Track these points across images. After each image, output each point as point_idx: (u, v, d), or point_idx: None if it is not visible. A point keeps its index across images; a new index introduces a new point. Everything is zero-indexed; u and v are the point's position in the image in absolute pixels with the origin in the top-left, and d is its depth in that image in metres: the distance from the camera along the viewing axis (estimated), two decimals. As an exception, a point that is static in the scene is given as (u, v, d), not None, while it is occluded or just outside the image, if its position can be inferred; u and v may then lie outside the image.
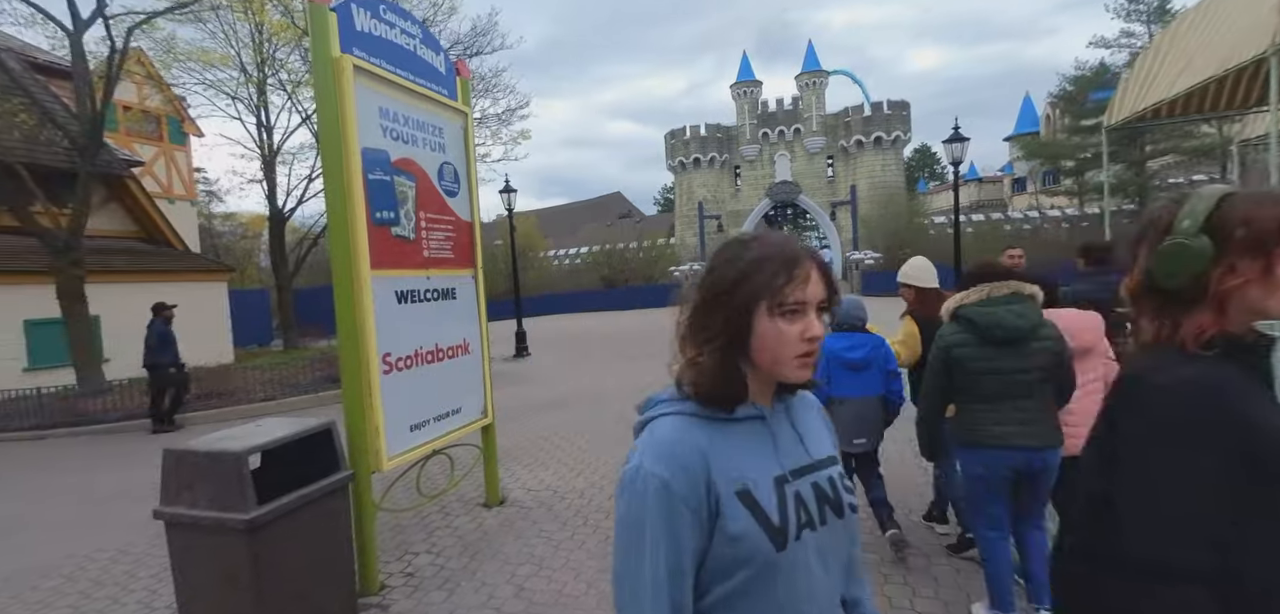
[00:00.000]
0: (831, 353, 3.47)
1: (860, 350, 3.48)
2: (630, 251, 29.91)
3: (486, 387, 4.97)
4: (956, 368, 2.63)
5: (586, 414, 8.48)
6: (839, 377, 3.48)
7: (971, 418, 2.64)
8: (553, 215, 56.63)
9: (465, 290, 4.75)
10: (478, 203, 4.98)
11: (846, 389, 3.48)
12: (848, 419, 3.46)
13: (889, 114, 32.45)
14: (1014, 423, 2.54)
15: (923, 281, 3.61)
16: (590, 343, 16.73)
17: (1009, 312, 2.54)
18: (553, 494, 5.33)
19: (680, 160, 35.81)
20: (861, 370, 3.48)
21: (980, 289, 2.62)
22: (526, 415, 8.64)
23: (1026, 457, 2.56)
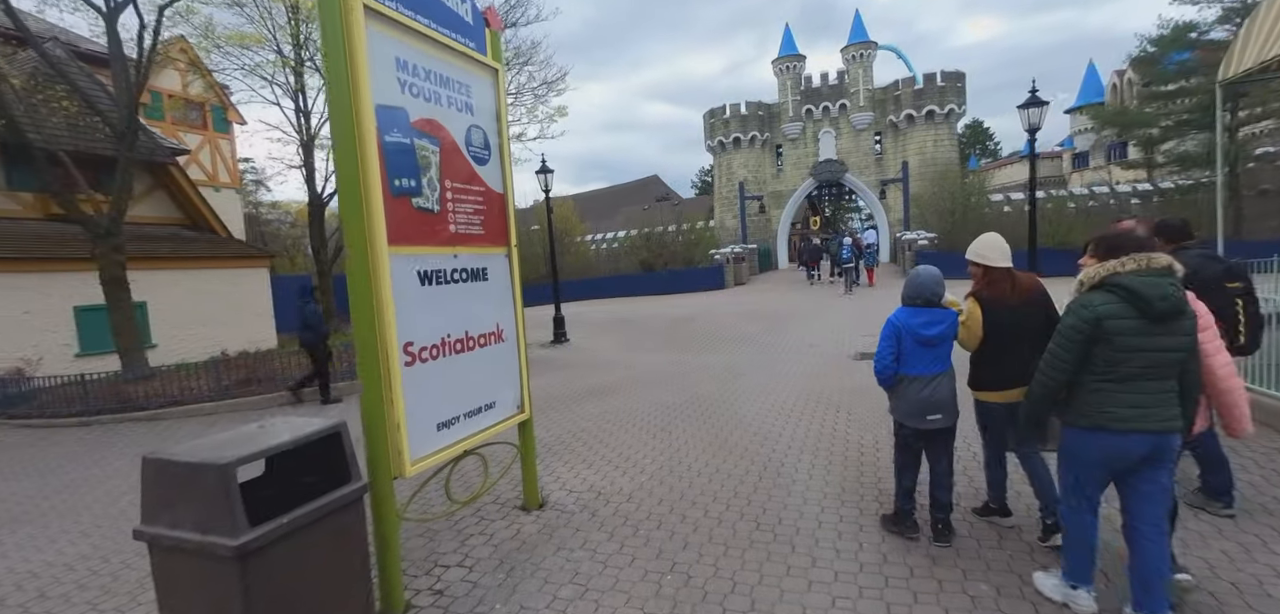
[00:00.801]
0: (907, 328, 3.39)
1: (938, 326, 3.37)
2: (669, 235, 29.19)
3: (523, 378, 4.46)
4: (1103, 343, 2.43)
5: (629, 404, 7.95)
6: (913, 352, 3.40)
7: (1101, 398, 2.47)
8: (590, 200, 56.28)
9: (498, 270, 4.23)
10: (511, 172, 4.44)
11: (920, 366, 3.40)
12: (923, 396, 3.39)
13: (942, 86, 30.61)
14: (1148, 404, 2.42)
15: (994, 260, 3.38)
16: (631, 327, 16.20)
17: (1171, 284, 2.39)
18: (597, 496, 4.80)
19: (720, 140, 34.74)
20: (936, 346, 3.39)
21: (1138, 259, 2.43)
22: (566, 406, 8.16)
23: (1154, 441, 2.44)
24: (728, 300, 21.08)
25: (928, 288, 3.42)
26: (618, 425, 6.93)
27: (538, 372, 10.91)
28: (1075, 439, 2.59)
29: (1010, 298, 3.31)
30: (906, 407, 3.47)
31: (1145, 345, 2.40)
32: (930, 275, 3.47)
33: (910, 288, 3.50)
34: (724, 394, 8.16)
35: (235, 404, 9.55)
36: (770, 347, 11.78)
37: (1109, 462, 2.52)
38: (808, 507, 4.33)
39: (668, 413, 7.34)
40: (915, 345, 3.39)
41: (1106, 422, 2.46)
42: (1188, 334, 2.43)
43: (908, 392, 3.44)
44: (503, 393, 4.24)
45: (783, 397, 7.72)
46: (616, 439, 6.39)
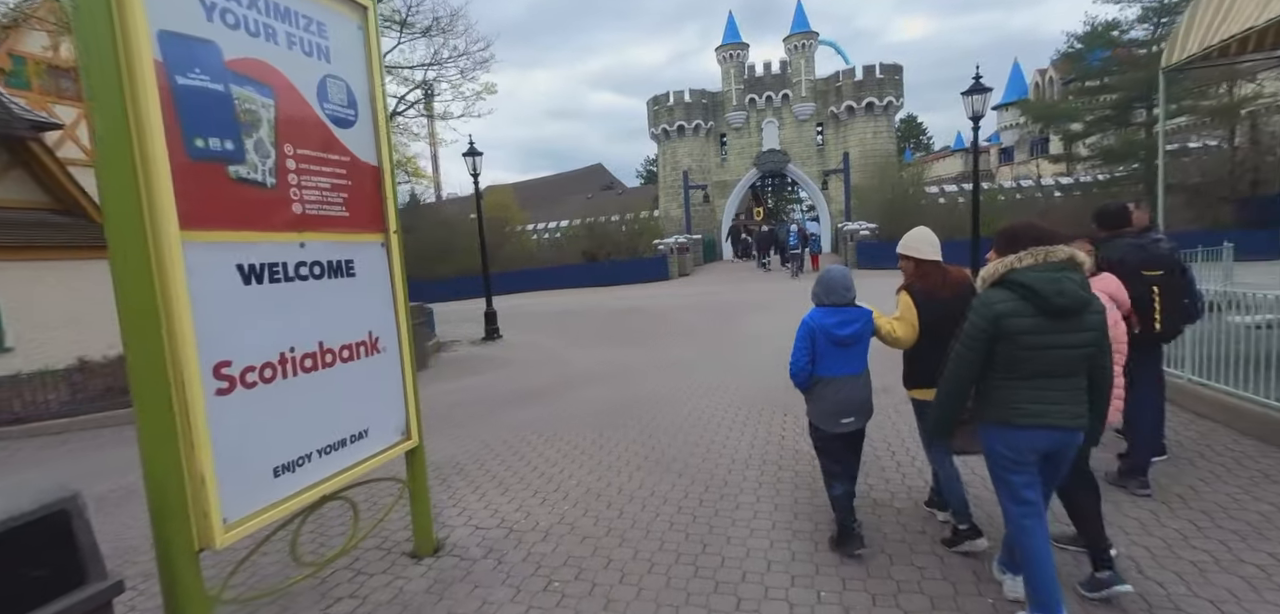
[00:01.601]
0: (821, 328, 3.28)
1: (852, 325, 3.28)
2: (613, 225, 28.38)
3: (410, 396, 3.60)
4: (1005, 341, 2.40)
5: (561, 409, 7.16)
6: (827, 353, 3.29)
7: (1008, 395, 2.45)
8: (533, 188, 54.72)
9: (370, 263, 3.35)
10: (388, 140, 3.56)
11: (835, 367, 3.30)
12: (838, 398, 3.30)
13: (881, 78, 31.04)
14: (1053, 401, 2.40)
15: (924, 253, 3.34)
16: (571, 321, 15.36)
17: (1069, 279, 2.34)
18: (507, 534, 4.00)
19: (664, 128, 34.14)
20: (851, 347, 3.30)
21: (1035, 253, 2.38)
22: (489, 413, 7.28)
23: (1059, 437, 2.44)
24: (672, 291, 20.53)
25: (838, 287, 3.33)
26: (544, 437, 6.13)
27: (463, 373, 9.95)
28: (987, 435, 2.57)
29: (942, 291, 3.26)
30: (821, 409, 3.37)
31: (1047, 342, 2.36)
32: (841, 274, 3.40)
33: (820, 287, 3.40)
34: (666, 395, 7.48)
35: (101, 419, 8.17)
36: (717, 340, 11.22)
37: (1018, 454, 2.47)
38: (755, 539, 3.68)
39: (602, 419, 6.60)
40: (829, 346, 3.29)
41: (1013, 417, 2.44)
42: (1092, 329, 2.37)
43: (823, 394, 3.34)
44: (379, 417, 3.38)
45: (729, 397, 7.11)
46: (541, 455, 5.59)
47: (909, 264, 3.38)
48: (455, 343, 13.25)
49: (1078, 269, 2.38)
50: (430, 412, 7.58)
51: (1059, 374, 2.38)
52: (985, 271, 2.53)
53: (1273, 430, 4.54)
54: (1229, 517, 3.52)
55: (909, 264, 3.38)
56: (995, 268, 2.47)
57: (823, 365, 3.30)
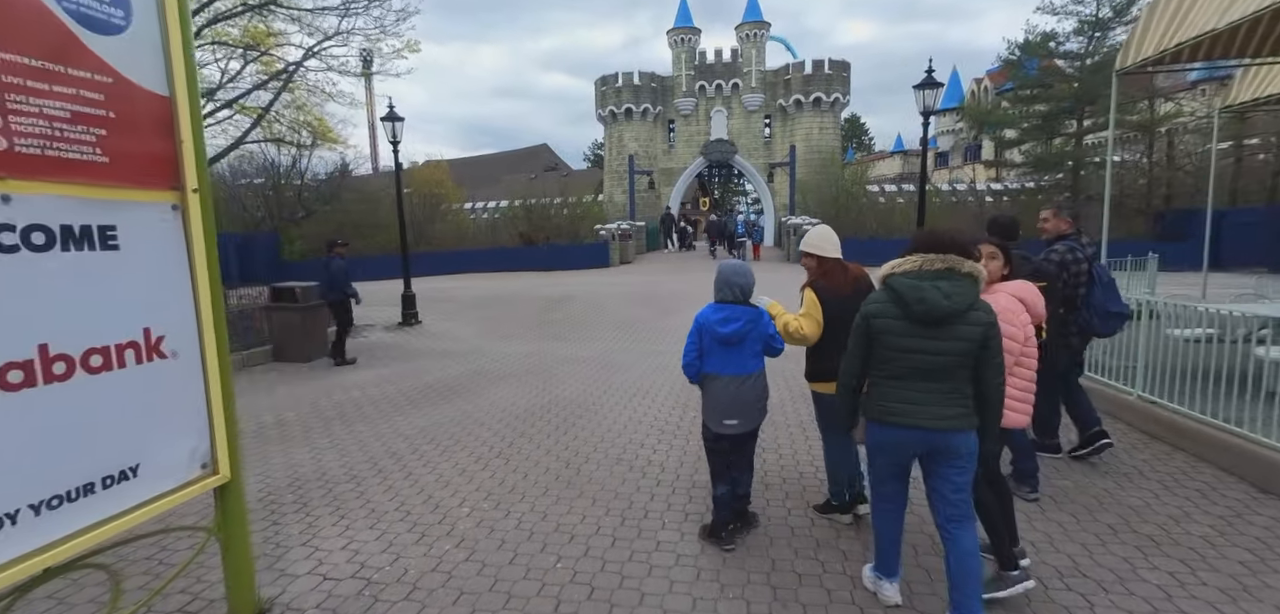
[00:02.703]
0: (704, 325, 3.31)
1: (733, 324, 3.25)
2: (553, 207, 27.23)
3: (218, 417, 2.67)
4: (876, 340, 2.54)
5: (469, 411, 6.27)
6: (711, 350, 3.32)
7: (878, 392, 2.58)
8: (473, 165, 52.56)
9: (148, 234, 2.40)
10: (191, 66, 2.59)
11: (719, 365, 3.31)
12: (719, 398, 3.32)
13: (829, 74, 31.11)
14: (918, 401, 2.47)
15: (827, 252, 3.42)
16: (499, 307, 14.33)
17: (935, 288, 2.39)
18: (363, 589, 3.14)
19: (611, 109, 33.13)
20: (735, 345, 3.27)
21: (915, 259, 2.47)
22: (382, 415, 6.31)
23: (925, 437, 2.48)
24: (612, 280, 19.75)
25: (723, 284, 3.30)
26: (442, 448, 5.25)
27: (368, 363, 8.86)
28: (869, 430, 2.68)
29: (844, 288, 3.32)
30: (707, 406, 3.39)
31: (911, 346, 2.44)
32: (732, 270, 3.34)
33: (715, 282, 3.37)
34: (591, 397, 6.71)
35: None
36: (652, 334, 10.54)
37: (890, 452, 2.61)
38: (674, 595, 2.98)
39: (514, 426, 5.77)
40: (713, 343, 3.29)
41: (883, 415, 2.55)
42: (964, 339, 2.39)
43: (709, 390, 3.36)
44: (160, 448, 2.45)
45: (658, 402, 6.41)
46: (433, 472, 4.72)
47: (812, 262, 3.42)
48: (368, 328, 12.01)
49: (960, 277, 2.40)
50: (315, 411, 6.60)
51: (925, 377, 2.44)
52: (879, 271, 2.61)
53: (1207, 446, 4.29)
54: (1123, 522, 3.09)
55: (812, 262, 3.42)
56: (885, 269, 2.56)
57: (710, 362, 3.31)
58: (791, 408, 6.00)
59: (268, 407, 6.71)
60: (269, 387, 7.64)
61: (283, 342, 8.88)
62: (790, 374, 6.83)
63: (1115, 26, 19.34)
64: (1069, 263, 4.10)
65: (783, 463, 4.69)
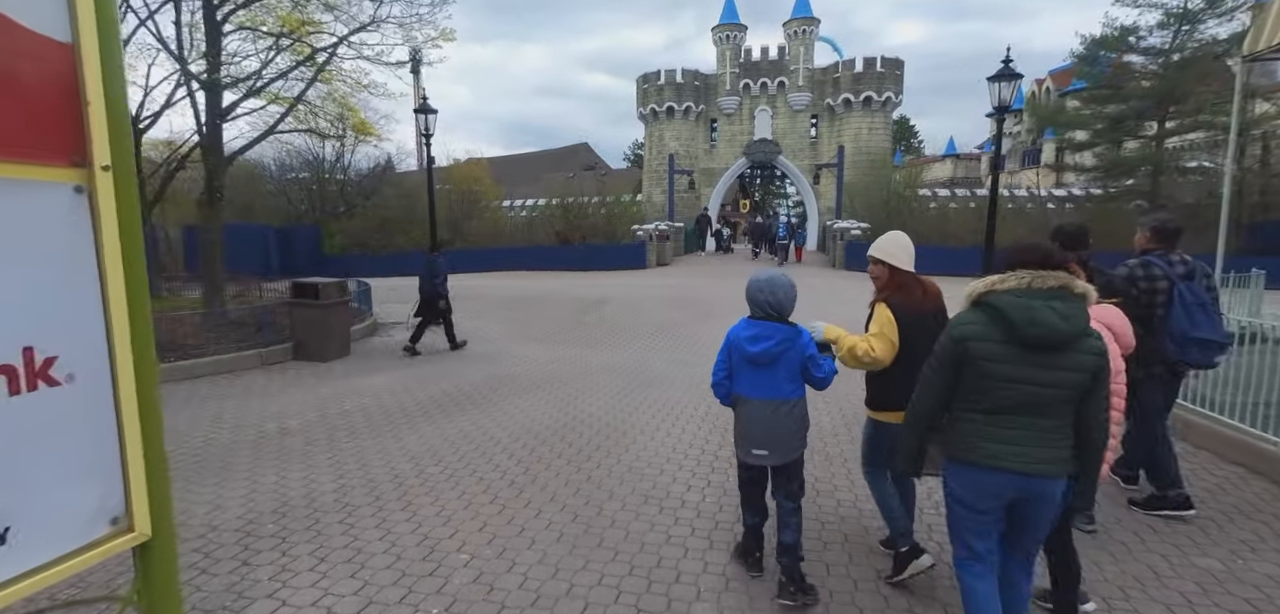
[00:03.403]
0: (733, 343, 2.99)
1: (763, 343, 2.89)
2: (590, 206, 26.74)
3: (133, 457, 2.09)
4: (969, 367, 2.18)
5: (484, 427, 5.70)
6: (740, 370, 3.00)
7: (969, 429, 2.23)
8: (513, 163, 52.77)
9: (29, 223, 1.82)
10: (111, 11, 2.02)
11: (748, 388, 2.98)
12: (746, 424, 3.00)
13: (882, 72, 29.63)
14: (1018, 442, 2.14)
15: (901, 261, 2.95)
16: (530, 309, 13.84)
17: (1051, 309, 2.07)
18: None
19: (652, 107, 32.42)
20: (766, 367, 2.91)
21: (1022, 275, 2.13)
22: (393, 426, 5.79)
23: (1022, 484, 2.17)
24: (648, 282, 19.10)
25: (757, 296, 2.95)
26: (449, 472, 4.68)
27: (387, 365, 8.42)
28: (949, 471, 2.34)
29: (921, 304, 2.96)
30: (737, 432, 3.11)
31: (1018, 375, 2.12)
32: (766, 281, 2.96)
33: (747, 292, 3.01)
34: (619, 415, 6.06)
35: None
36: (689, 343, 9.83)
37: (979, 499, 2.24)
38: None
39: (532, 448, 5.16)
40: (742, 362, 2.99)
41: (971, 454, 2.22)
42: (1078, 369, 2.09)
43: (739, 414, 3.07)
44: (47, 499, 1.87)
45: (695, 425, 5.71)
46: (435, 503, 4.14)
47: (883, 271, 3.01)
48: (394, 326, 11.67)
49: (1074, 298, 2.11)
50: (322, 419, 6.06)
51: (1029, 412, 2.14)
52: (969, 288, 2.29)
53: None
54: None
55: (883, 271, 3.01)
56: (977, 285, 2.26)
57: (740, 383, 3.02)
58: (851, 444, 5.21)
59: (275, 412, 6.29)
60: (282, 388, 7.26)
61: (303, 339, 8.54)
62: (845, 397, 6.03)
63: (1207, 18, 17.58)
64: (1137, 278, 3.68)
65: (842, 512, 3.93)
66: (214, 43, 8.39)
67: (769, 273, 3.01)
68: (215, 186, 8.81)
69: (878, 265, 3.02)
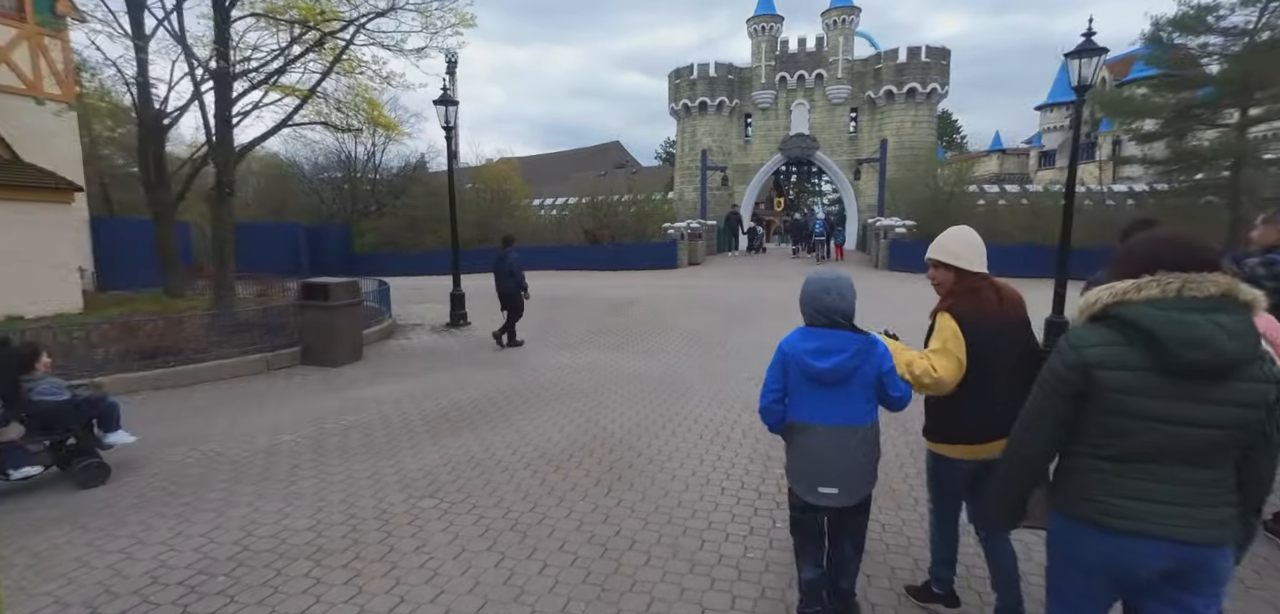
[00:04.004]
0: (791, 357, 2.44)
1: (833, 356, 2.36)
2: (620, 204, 26.07)
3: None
4: (1097, 399, 1.62)
5: (493, 448, 5.02)
6: (799, 391, 2.45)
7: (1096, 481, 1.66)
8: (544, 162, 52.58)
9: None
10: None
11: (810, 412, 2.44)
12: (809, 456, 2.46)
13: (926, 63, 28.07)
14: (1169, 498, 1.59)
15: (971, 262, 2.44)
16: (556, 310, 13.19)
17: (1215, 324, 1.51)
18: None
19: (685, 103, 31.52)
20: (834, 386, 2.38)
21: (1165, 279, 1.56)
22: (394, 444, 5.17)
23: (1176, 552, 1.60)
24: (679, 282, 18.30)
25: (820, 298, 2.40)
26: (447, 502, 4.02)
27: (401, 370, 7.85)
28: (1061, 531, 1.78)
29: (997, 314, 2.42)
30: (794, 466, 2.53)
31: (1170, 413, 1.56)
32: (831, 282, 2.42)
33: (803, 297, 2.47)
34: (647, 435, 5.33)
35: None
36: (723, 350, 9.03)
37: (1106, 572, 1.70)
38: None
39: (545, 476, 4.47)
40: (803, 381, 2.42)
41: (1102, 516, 1.65)
42: (1247, 404, 1.53)
43: (798, 445, 2.50)
44: None
45: (734, 448, 4.94)
46: (424, 544, 3.48)
47: (947, 274, 2.50)
48: (415, 328, 11.19)
49: (1239, 309, 1.53)
50: (319, 435, 5.41)
51: (1181, 460, 1.58)
52: (1086, 298, 1.71)
53: None
54: None
55: (947, 274, 2.50)
56: (1098, 295, 1.66)
57: (797, 406, 2.48)
58: (898, 465, 4.36)
59: (269, 425, 5.75)
60: (283, 397, 6.74)
61: (311, 343, 8.05)
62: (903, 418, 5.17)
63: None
64: (1261, 278, 3.29)
65: (887, 540, 3.11)
66: (222, 31, 7.96)
67: (831, 272, 2.47)
68: (224, 182, 8.40)
69: (941, 268, 2.52)
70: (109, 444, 4.47)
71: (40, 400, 4.22)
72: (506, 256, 9.28)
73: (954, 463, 2.56)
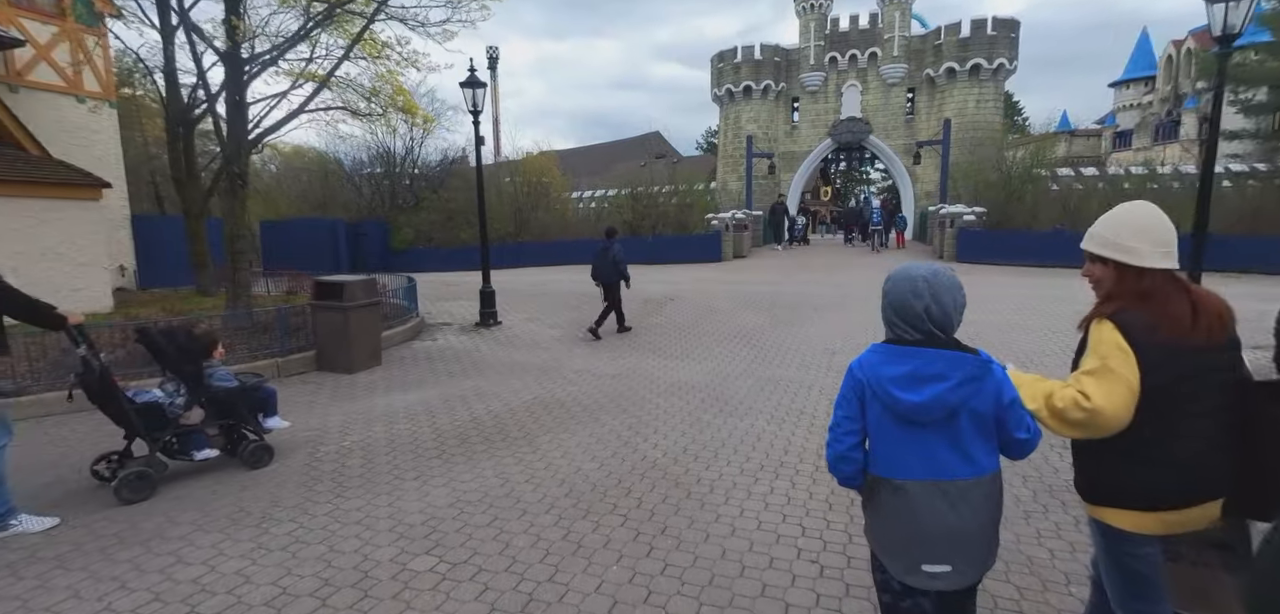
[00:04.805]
0: (869, 384, 1.77)
1: (933, 385, 1.68)
2: (661, 195, 25.03)
3: None
4: None
5: (512, 483, 4.16)
6: (884, 433, 1.77)
7: None
8: (584, 154, 51.98)
9: None
10: None
11: (902, 462, 1.75)
12: (906, 522, 1.76)
13: (993, 35, 25.84)
14: None
15: (1147, 256, 1.76)
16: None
17: None
18: None
19: (728, 88, 30.15)
20: (933, 427, 1.70)
21: None
22: (396, 474, 4.37)
23: None
24: (724, 277, 17.21)
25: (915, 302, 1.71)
26: (447, 561, 3.17)
27: (420, 378, 7.09)
28: None
29: (1188, 329, 1.73)
30: (883, 536, 1.84)
31: None
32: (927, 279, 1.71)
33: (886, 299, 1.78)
34: (692, 464, 4.39)
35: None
36: (777, 353, 7.98)
37: None
38: None
39: (568, 522, 3.58)
40: (888, 421, 1.74)
41: None
42: None
43: (882, 506, 1.80)
44: None
45: (802, 484, 3.94)
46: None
47: (1106, 271, 1.82)
48: (444, 327, 10.51)
49: None
50: (311, 460, 4.52)
51: None
52: None
53: None
54: None
55: (1106, 271, 1.82)
56: None
57: (882, 454, 1.76)
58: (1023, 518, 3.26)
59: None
60: (286, 410, 6.06)
61: (324, 347, 7.40)
62: (1034, 459, 4.05)
63: None
64: None
65: None
66: (233, 6, 7.36)
67: (925, 266, 1.77)
68: (234, 173, 7.84)
69: (1099, 265, 1.86)
70: (269, 428, 4.69)
71: (217, 386, 4.45)
72: (610, 247, 9.46)
73: (1128, 538, 1.80)
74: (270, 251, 21.16)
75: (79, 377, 3.92)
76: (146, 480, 3.99)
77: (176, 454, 4.31)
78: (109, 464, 4.14)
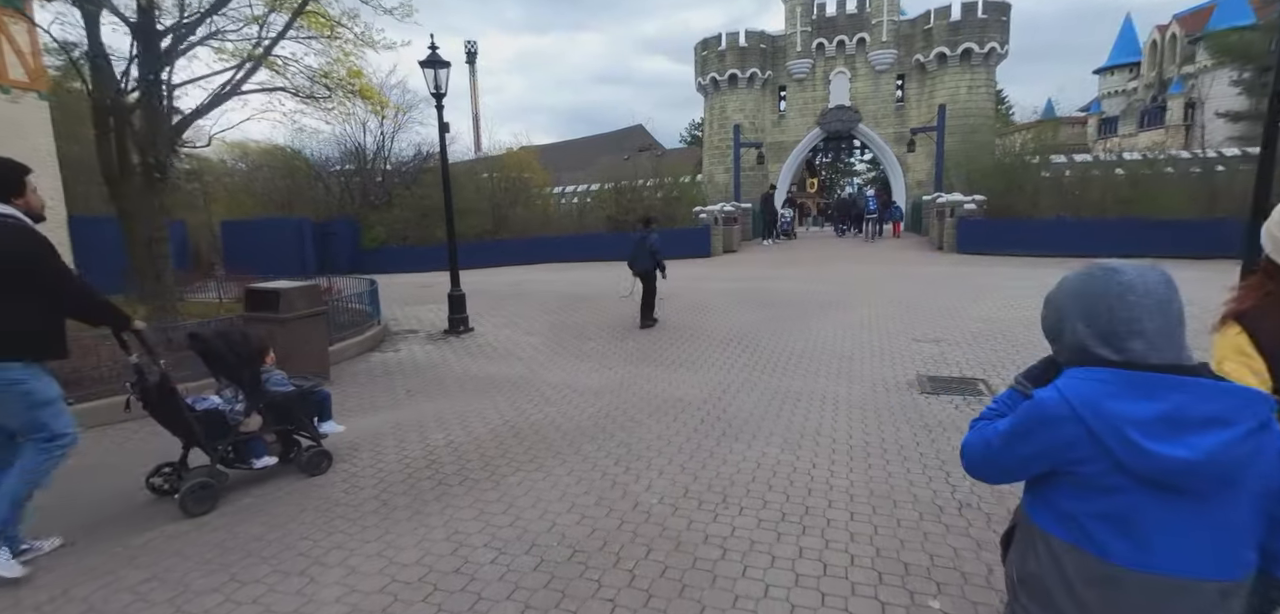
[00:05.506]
0: (1102, 421, 1.12)
1: (1206, 435, 1.07)
2: (646, 188, 24.06)
3: None
4: None
5: (470, 544, 3.19)
6: (1135, 507, 1.13)
7: None
8: (566, 149, 50.75)
9: None
10: None
11: (1151, 548, 1.12)
12: None
13: (984, 19, 25.20)
14: None
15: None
16: (574, 311, 11.33)
17: None
18: None
19: (712, 76, 29.21)
20: (1205, 498, 1.10)
21: None
22: (314, 544, 3.38)
23: None
24: (716, 274, 16.32)
25: (1138, 319, 1.15)
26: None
27: (373, 401, 6.03)
28: None
29: None
30: None
31: None
32: (1146, 284, 1.15)
33: (1078, 307, 1.22)
34: (694, 514, 3.46)
35: None
36: (780, 359, 7.08)
37: None
38: None
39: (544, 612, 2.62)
40: (1141, 489, 1.11)
41: None
42: None
43: (1072, 597, 1.19)
44: None
45: (837, 547, 3.01)
46: None
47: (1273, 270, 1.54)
48: (410, 335, 9.47)
49: None
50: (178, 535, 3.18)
51: None
52: None
53: None
54: None
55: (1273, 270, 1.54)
56: None
57: (1121, 532, 1.13)
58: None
59: (138, 502, 4.00)
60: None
61: (260, 366, 6.34)
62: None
63: None
64: None
65: None
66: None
67: (1131, 268, 1.16)
68: (150, 163, 6.73)
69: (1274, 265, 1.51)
70: (324, 433, 4.51)
71: (275, 391, 4.28)
72: (647, 237, 9.39)
73: None
74: (232, 253, 19.86)
75: (136, 385, 3.65)
76: (210, 491, 3.80)
77: (235, 463, 4.11)
78: (163, 476, 3.95)
